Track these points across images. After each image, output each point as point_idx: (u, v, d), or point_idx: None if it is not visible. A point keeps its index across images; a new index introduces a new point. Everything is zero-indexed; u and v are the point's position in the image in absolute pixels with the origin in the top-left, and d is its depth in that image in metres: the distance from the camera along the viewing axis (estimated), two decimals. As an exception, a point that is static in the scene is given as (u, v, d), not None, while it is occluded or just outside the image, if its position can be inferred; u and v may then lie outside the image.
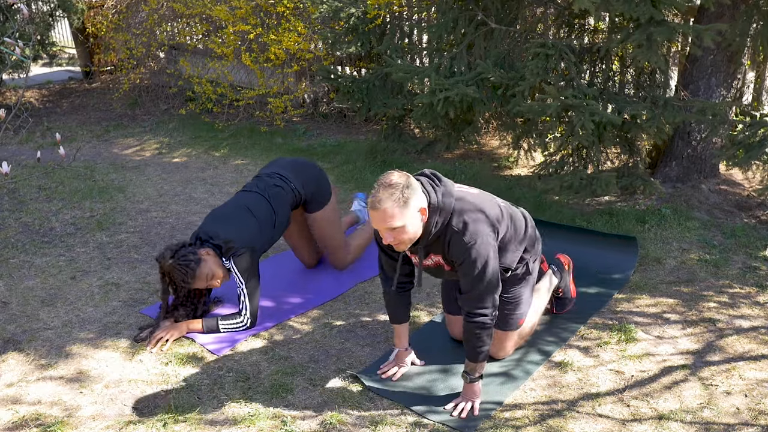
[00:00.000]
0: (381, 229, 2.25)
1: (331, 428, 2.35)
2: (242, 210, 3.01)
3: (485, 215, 2.35)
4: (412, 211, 2.22)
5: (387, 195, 2.19)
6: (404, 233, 2.24)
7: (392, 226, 2.21)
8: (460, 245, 2.31)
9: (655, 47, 3.47)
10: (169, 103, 6.70)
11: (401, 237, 2.25)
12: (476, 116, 4.47)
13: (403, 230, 2.23)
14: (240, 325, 2.95)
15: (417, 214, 2.25)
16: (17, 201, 4.45)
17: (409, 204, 2.21)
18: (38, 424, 2.40)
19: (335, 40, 5.12)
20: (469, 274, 2.33)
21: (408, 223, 2.22)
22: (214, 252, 2.91)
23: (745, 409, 2.39)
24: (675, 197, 4.08)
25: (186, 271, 2.81)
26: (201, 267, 2.84)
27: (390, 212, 2.19)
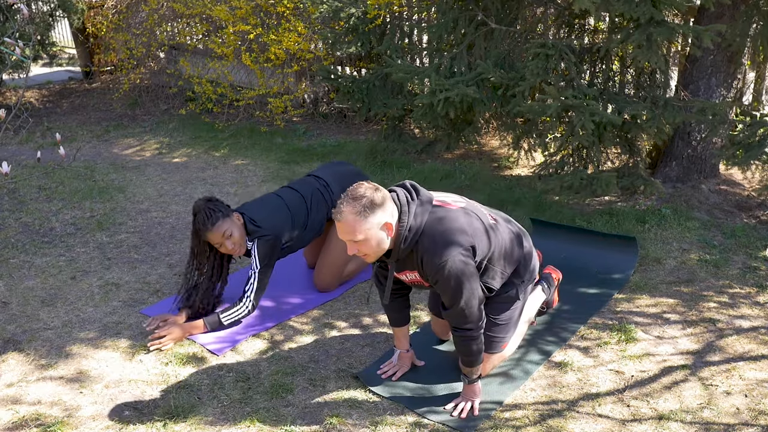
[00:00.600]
0: (346, 241, 2.24)
1: (331, 428, 2.35)
2: (279, 201, 3.11)
3: (459, 233, 2.29)
4: (374, 226, 2.18)
5: (350, 208, 2.17)
6: (366, 247, 2.22)
7: (353, 239, 2.20)
8: (431, 264, 2.25)
9: (655, 47, 3.47)
10: (169, 103, 6.70)
11: (364, 250, 2.23)
12: (476, 116, 4.47)
13: (366, 244, 2.21)
14: (241, 312, 2.96)
15: (380, 230, 2.20)
16: (17, 201, 4.45)
17: (371, 218, 2.17)
18: (38, 424, 2.41)
19: (335, 40, 5.12)
20: (447, 291, 2.30)
21: (370, 237, 2.19)
22: (243, 222, 2.97)
23: (745, 409, 2.39)
24: (675, 197, 4.08)
25: (211, 215, 2.86)
26: (225, 220, 2.89)
27: (350, 225, 2.17)
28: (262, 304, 3.16)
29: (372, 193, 2.19)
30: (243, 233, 2.97)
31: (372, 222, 2.17)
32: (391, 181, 4.63)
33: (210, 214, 2.87)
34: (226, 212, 2.92)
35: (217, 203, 2.94)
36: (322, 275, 3.29)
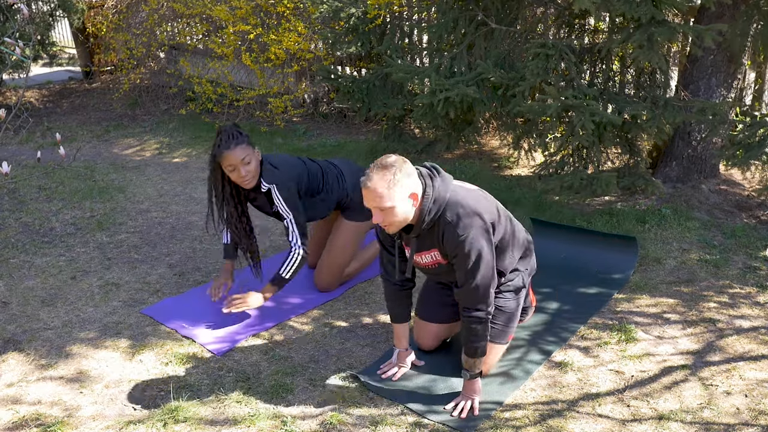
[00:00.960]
0: (371, 208, 2.28)
1: (331, 428, 2.35)
2: (298, 160, 3.14)
3: (480, 209, 2.36)
4: (402, 194, 2.25)
5: (379, 175, 2.23)
6: (393, 215, 2.26)
7: (381, 206, 2.24)
8: (453, 237, 2.31)
9: (656, 47, 3.47)
10: (170, 103, 6.70)
11: (390, 219, 2.27)
12: (476, 116, 4.47)
13: (392, 212, 2.25)
14: (295, 260, 2.97)
15: (407, 199, 2.27)
16: (17, 201, 4.45)
17: (399, 186, 2.24)
18: (38, 424, 2.40)
19: (335, 40, 5.12)
20: (464, 267, 2.34)
21: (397, 205, 2.25)
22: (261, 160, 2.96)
23: (745, 410, 2.39)
24: (675, 197, 4.08)
25: (236, 136, 2.84)
26: (247, 147, 2.86)
27: (379, 192, 2.22)
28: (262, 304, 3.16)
29: (401, 162, 2.27)
30: (258, 169, 2.92)
31: (400, 190, 2.24)
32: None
33: (235, 135, 2.84)
34: (250, 141, 2.89)
35: (243, 133, 2.89)
36: (323, 275, 3.29)
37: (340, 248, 3.26)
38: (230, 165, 2.85)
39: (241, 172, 2.85)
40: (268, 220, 4.07)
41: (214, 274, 3.47)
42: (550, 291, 3.18)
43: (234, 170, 2.86)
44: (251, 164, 2.87)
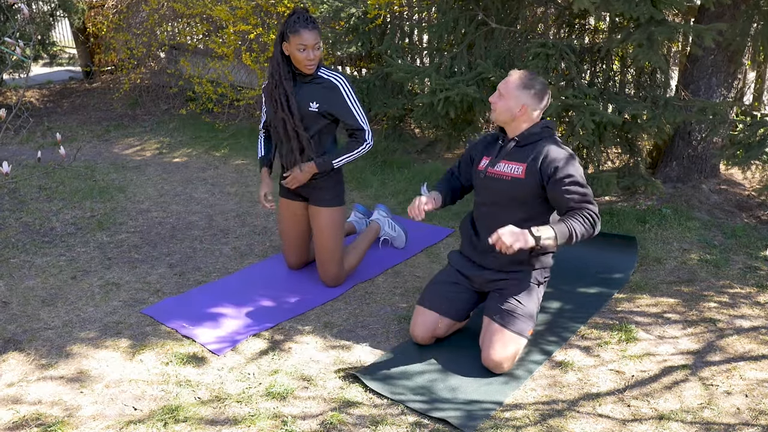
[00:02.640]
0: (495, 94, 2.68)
1: (331, 428, 2.35)
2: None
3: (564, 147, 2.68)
4: (521, 98, 2.62)
5: (523, 75, 2.65)
6: (503, 104, 2.64)
7: (502, 90, 2.64)
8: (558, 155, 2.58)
9: (656, 47, 3.47)
10: (170, 103, 6.70)
11: (500, 105, 2.65)
12: (477, 116, 4.47)
13: (504, 101, 2.64)
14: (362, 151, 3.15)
15: (519, 105, 2.62)
16: (18, 201, 4.45)
17: (525, 93, 2.61)
18: (39, 423, 2.41)
19: (336, 40, 5.12)
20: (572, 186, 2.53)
21: (511, 101, 2.63)
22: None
23: (746, 409, 2.39)
24: (675, 197, 4.08)
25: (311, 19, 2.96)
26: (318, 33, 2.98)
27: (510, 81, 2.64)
28: (261, 304, 3.16)
29: (542, 86, 2.65)
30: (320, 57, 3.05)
31: (523, 94, 2.62)
32: (390, 181, 4.63)
33: (312, 20, 2.97)
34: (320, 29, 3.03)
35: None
36: (328, 271, 3.28)
37: (328, 238, 3.23)
38: (302, 44, 2.93)
39: (311, 55, 2.95)
40: (268, 220, 4.07)
41: (214, 274, 3.47)
42: (551, 291, 3.18)
43: (305, 50, 2.95)
44: (319, 50, 2.99)
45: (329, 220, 3.23)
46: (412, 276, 3.43)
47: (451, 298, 2.78)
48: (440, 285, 2.82)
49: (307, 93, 3.06)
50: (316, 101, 3.04)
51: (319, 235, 3.25)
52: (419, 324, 2.77)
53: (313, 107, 3.04)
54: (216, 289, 3.30)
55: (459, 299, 2.79)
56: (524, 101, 2.62)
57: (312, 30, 2.93)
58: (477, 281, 2.78)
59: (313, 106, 3.04)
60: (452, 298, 2.78)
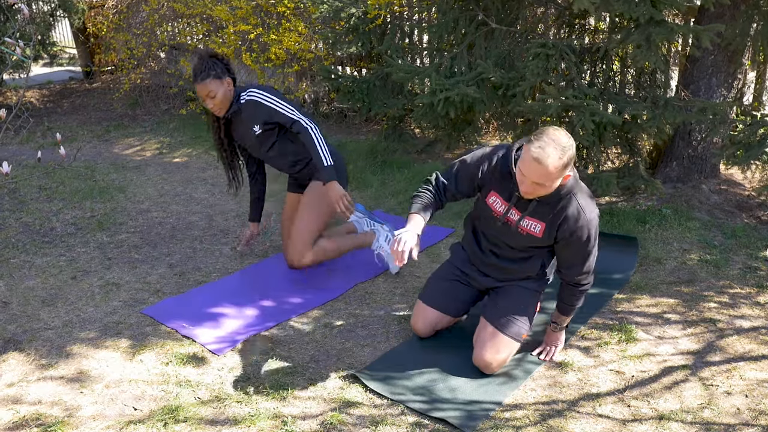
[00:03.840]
0: (526, 179, 2.30)
1: (331, 428, 2.35)
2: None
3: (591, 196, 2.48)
4: (562, 174, 2.30)
5: (556, 155, 2.22)
6: (544, 190, 2.33)
7: (542, 183, 2.28)
8: (581, 224, 2.40)
9: (655, 47, 3.47)
10: (170, 103, 6.70)
11: (539, 192, 2.33)
12: (477, 116, 4.47)
13: (546, 189, 2.32)
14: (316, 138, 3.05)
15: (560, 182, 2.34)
16: (18, 201, 4.45)
17: (565, 169, 2.28)
18: (39, 424, 2.41)
19: (336, 40, 5.12)
20: (583, 253, 2.45)
21: (555, 183, 2.30)
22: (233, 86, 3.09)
23: (746, 410, 2.39)
24: (675, 197, 4.08)
25: (203, 70, 3.01)
26: (214, 81, 3.02)
27: (551, 173, 2.24)
28: (261, 304, 3.16)
29: (572, 143, 2.27)
30: (227, 98, 3.07)
31: (562, 173, 2.29)
32: (390, 181, 4.63)
33: (203, 69, 3.01)
34: (219, 74, 3.03)
35: (216, 62, 3.04)
36: (293, 244, 3.24)
37: (309, 209, 3.20)
38: (200, 96, 3.07)
39: (209, 104, 3.06)
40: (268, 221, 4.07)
41: (214, 274, 3.47)
42: (551, 291, 3.18)
43: (204, 101, 3.07)
44: (216, 97, 3.03)
45: (317, 192, 3.22)
46: (412, 276, 3.43)
47: (452, 296, 2.80)
48: (441, 282, 2.83)
49: (244, 123, 3.18)
50: (254, 124, 3.14)
51: (303, 204, 3.22)
52: (420, 320, 2.82)
53: (257, 130, 3.15)
54: (216, 289, 3.30)
55: (460, 297, 2.81)
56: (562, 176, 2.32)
57: (199, 83, 3.01)
58: (478, 281, 2.79)
59: (256, 129, 3.15)
60: (453, 295, 2.80)
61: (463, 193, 2.62)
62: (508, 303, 2.65)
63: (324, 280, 3.39)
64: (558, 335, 2.70)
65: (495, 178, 2.52)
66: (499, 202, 2.53)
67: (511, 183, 2.46)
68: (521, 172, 2.31)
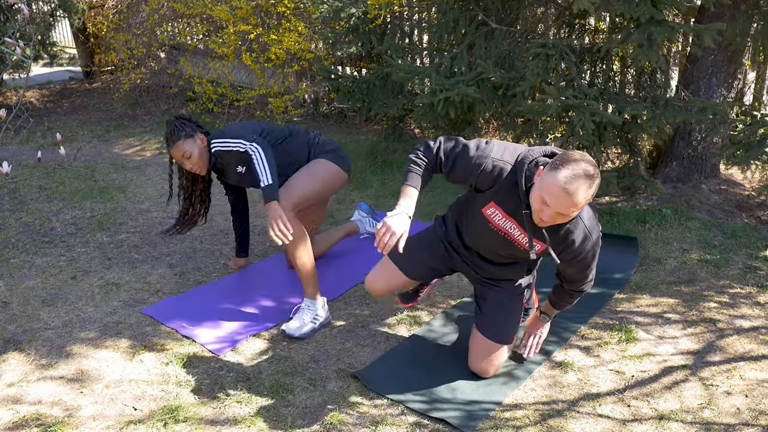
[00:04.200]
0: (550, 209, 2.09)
1: (331, 428, 2.35)
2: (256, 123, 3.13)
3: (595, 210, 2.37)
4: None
5: (585, 186, 2.04)
6: (565, 219, 2.15)
7: (568, 215, 2.10)
8: (586, 247, 2.29)
9: (656, 47, 3.47)
10: (170, 103, 6.70)
11: (559, 221, 2.14)
12: (477, 116, 4.47)
13: (568, 219, 2.14)
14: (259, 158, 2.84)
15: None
16: (18, 201, 4.45)
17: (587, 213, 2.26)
18: (39, 424, 2.41)
19: (336, 40, 5.12)
20: (586, 271, 2.39)
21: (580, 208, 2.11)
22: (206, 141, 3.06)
23: (746, 410, 2.39)
24: (675, 197, 4.08)
25: (173, 133, 2.99)
26: (186, 141, 2.99)
27: (581, 204, 2.07)
28: (261, 304, 3.16)
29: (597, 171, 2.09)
30: (204, 155, 3.04)
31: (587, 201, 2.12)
32: (390, 181, 4.63)
33: (173, 132, 3.00)
34: (190, 132, 3.01)
35: (185, 122, 3.02)
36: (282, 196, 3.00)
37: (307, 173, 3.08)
38: (177, 160, 3.07)
39: (187, 165, 3.04)
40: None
41: (214, 274, 3.47)
42: (550, 290, 3.18)
43: (182, 164, 3.06)
44: (194, 155, 3.01)
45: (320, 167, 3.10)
46: (412, 276, 3.42)
47: (426, 265, 2.62)
48: (420, 249, 2.61)
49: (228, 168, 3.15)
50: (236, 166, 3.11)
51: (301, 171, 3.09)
52: (383, 279, 2.63)
53: (241, 170, 3.12)
54: (216, 289, 3.30)
55: (435, 268, 2.64)
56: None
57: (172, 145, 3.01)
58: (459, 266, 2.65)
59: (240, 169, 3.12)
60: (428, 265, 2.62)
61: (452, 182, 2.40)
62: (496, 310, 2.59)
63: (324, 280, 3.39)
64: (543, 324, 2.63)
65: (496, 189, 2.28)
66: (499, 215, 2.33)
67: (517, 198, 2.24)
68: (544, 200, 2.09)
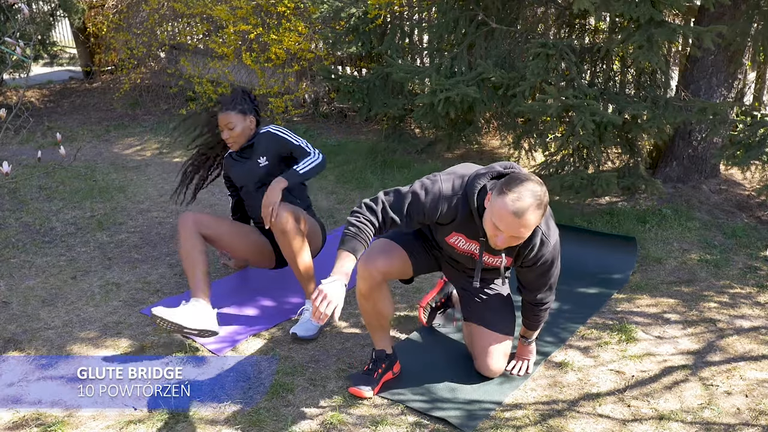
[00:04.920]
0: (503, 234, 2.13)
1: (331, 428, 2.35)
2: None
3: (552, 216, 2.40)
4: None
5: (534, 207, 2.09)
6: (520, 241, 2.20)
7: (521, 237, 2.16)
8: (544, 251, 2.33)
9: (656, 48, 3.47)
10: (170, 103, 6.70)
11: (514, 243, 2.20)
12: (477, 116, 4.47)
13: (523, 239, 2.19)
14: (315, 161, 3.03)
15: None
16: (18, 201, 4.45)
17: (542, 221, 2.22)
18: (39, 424, 2.41)
19: (336, 40, 5.12)
20: (544, 274, 2.40)
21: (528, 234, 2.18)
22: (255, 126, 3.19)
23: (746, 410, 2.39)
24: (675, 197, 4.08)
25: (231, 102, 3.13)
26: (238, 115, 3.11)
27: (531, 224, 2.12)
28: (261, 304, 3.16)
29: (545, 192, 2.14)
30: (244, 134, 3.14)
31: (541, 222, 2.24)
32: (391, 181, 4.63)
33: (231, 101, 3.15)
34: (244, 109, 3.13)
35: (246, 98, 3.17)
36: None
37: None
38: (219, 125, 3.17)
39: (224, 134, 3.14)
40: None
41: (214, 274, 3.47)
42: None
43: (222, 130, 3.16)
44: (234, 129, 3.11)
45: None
46: (412, 276, 3.42)
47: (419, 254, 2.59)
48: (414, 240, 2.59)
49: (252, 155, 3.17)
50: (263, 155, 3.13)
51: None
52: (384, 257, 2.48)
53: (262, 162, 3.13)
54: (216, 289, 3.30)
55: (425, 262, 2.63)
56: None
57: (223, 112, 3.12)
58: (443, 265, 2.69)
59: (262, 161, 3.13)
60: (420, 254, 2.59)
61: (413, 229, 2.46)
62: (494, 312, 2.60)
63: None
64: (529, 347, 2.63)
65: (458, 221, 2.32)
66: (463, 241, 2.41)
67: (475, 224, 2.30)
68: (495, 226, 2.13)
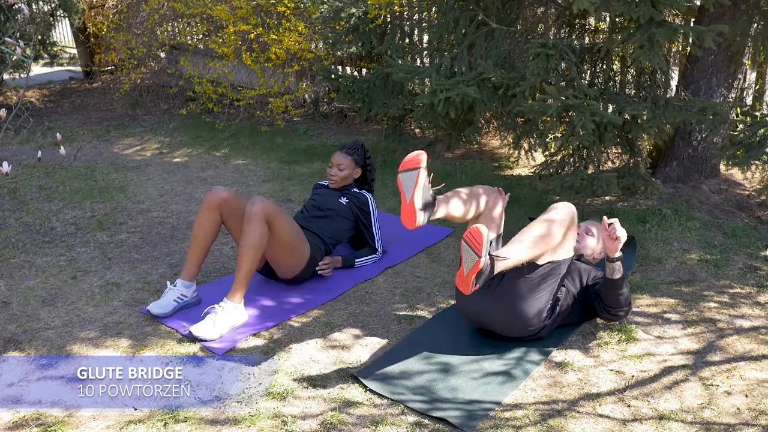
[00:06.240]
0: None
1: (331, 428, 2.35)
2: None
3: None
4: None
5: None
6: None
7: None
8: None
9: (656, 48, 3.46)
10: (170, 103, 6.70)
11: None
12: (477, 116, 4.47)
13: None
14: (373, 258, 3.53)
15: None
16: (18, 201, 4.45)
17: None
18: (39, 423, 2.41)
19: (336, 40, 5.12)
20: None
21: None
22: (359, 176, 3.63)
23: (746, 409, 2.39)
24: (675, 197, 4.08)
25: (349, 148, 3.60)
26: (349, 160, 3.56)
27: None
28: (262, 304, 3.16)
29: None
30: (346, 180, 3.57)
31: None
32: (391, 181, 4.63)
33: (351, 147, 3.59)
34: (358, 160, 3.58)
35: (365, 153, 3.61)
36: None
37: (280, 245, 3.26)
38: (331, 161, 3.59)
39: (331, 172, 3.57)
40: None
41: (214, 274, 3.47)
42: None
43: (330, 167, 3.58)
44: (341, 171, 3.55)
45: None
46: (412, 276, 3.43)
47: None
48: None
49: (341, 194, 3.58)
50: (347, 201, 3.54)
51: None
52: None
53: (344, 202, 3.53)
54: (216, 289, 3.30)
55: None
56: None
57: (339, 153, 3.58)
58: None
59: (344, 202, 3.53)
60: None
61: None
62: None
63: (324, 280, 3.39)
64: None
65: None
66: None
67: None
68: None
